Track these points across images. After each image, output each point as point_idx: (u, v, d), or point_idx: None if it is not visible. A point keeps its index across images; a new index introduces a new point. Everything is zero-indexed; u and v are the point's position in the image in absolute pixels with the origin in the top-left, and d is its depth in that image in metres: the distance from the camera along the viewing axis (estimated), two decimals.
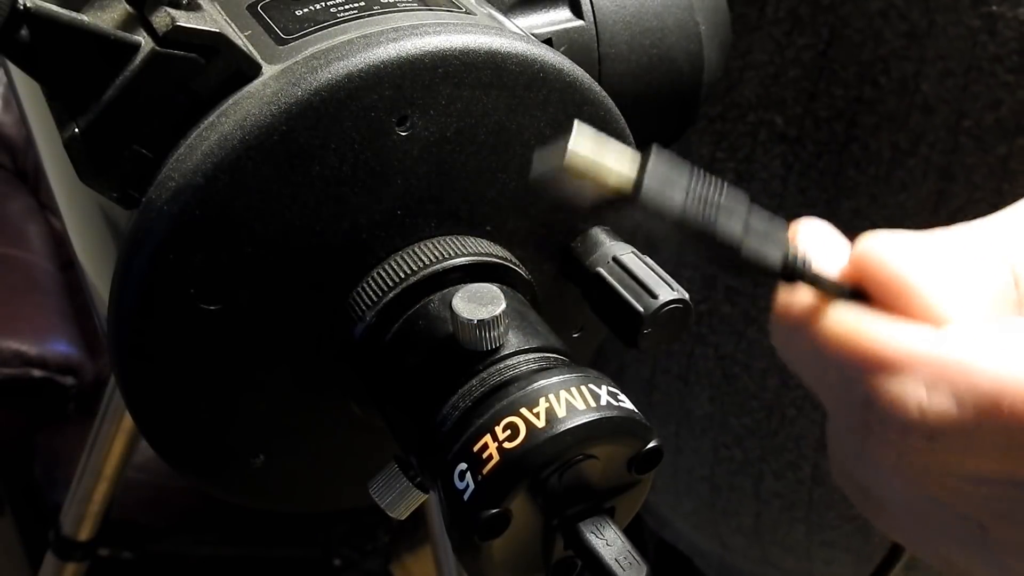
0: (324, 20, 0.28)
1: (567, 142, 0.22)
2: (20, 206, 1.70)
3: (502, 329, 0.26)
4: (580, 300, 0.31)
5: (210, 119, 0.26)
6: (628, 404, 0.25)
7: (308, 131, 0.26)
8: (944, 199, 0.43)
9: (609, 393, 0.25)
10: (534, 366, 0.26)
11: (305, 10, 0.29)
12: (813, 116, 0.45)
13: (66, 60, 0.25)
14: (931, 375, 0.23)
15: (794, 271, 0.25)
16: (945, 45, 0.41)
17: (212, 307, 0.27)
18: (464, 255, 0.29)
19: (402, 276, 0.28)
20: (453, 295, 0.26)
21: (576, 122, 0.23)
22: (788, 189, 0.46)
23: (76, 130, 0.26)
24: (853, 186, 0.45)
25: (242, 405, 0.29)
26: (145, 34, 0.25)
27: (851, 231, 0.45)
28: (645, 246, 0.31)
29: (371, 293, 0.28)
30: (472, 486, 0.23)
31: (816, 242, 0.27)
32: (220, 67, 0.26)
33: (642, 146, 0.32)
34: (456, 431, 0.25)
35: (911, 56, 0.42)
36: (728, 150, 0.48)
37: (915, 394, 0.24)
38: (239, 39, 0.27)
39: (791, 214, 0.46)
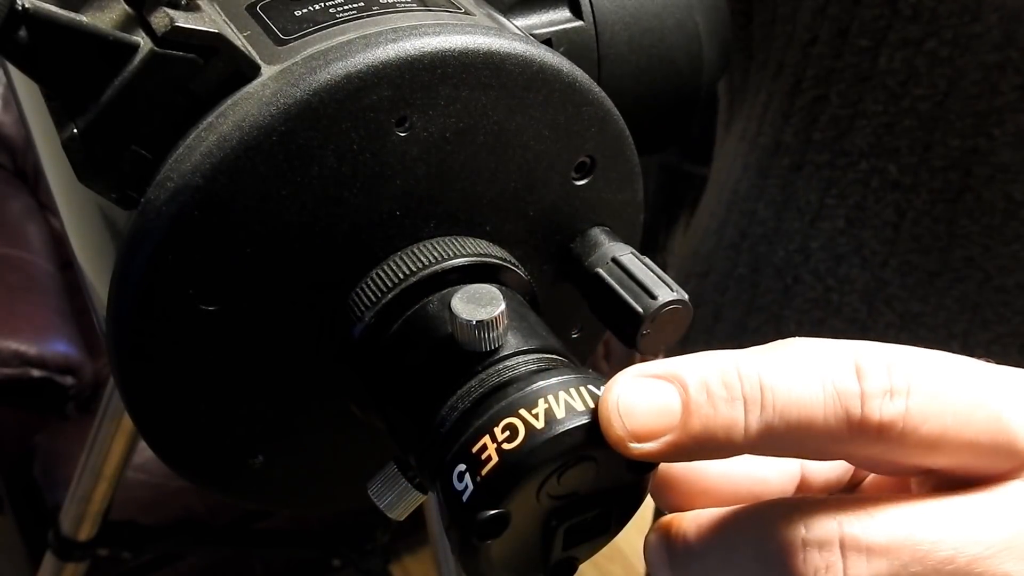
0: (323, 21, 0.28)
1: None
2: (20, 206, 1.70)
3: (501, 330, 0.26)
4: (579, 300, 0.31)
5: (209, 120, 0.26)
6: None
7: (307, 132, 0.26)
8: None
9: None
10: (533, 367, 0.26)
11: (304, 11, 0.29)
12: (928, 165, 0.45)
13: (65, 61, 0.25)
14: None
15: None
16: None
17: (211, 307, 0.27)
18: (463, 256, 0.29)
19: (401, 277, 0.28)
20: (452, 296, 0.26)
21: None
22: (901, 236, 0.47)
23: (75, 131, 0.26)
24: (966, 235, 0.45)
25: (241, 405, 0.29)
26: (144, 35, 0.25)
27: (964, 280, 0.46)
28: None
29: (370, 293, 0.28)
30: (471, 487, 0.23)
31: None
32: (219, 68, 0.26)
33: (642, 147, 0.32)
34: (455, 432, 0.25)
35: None
36: (838, 196, 0.48)
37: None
38: (238, 40, 0.27)
39: (903, 260, 0.47)
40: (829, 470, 0.29)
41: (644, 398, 0.23)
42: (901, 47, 0.44)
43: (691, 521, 0.25)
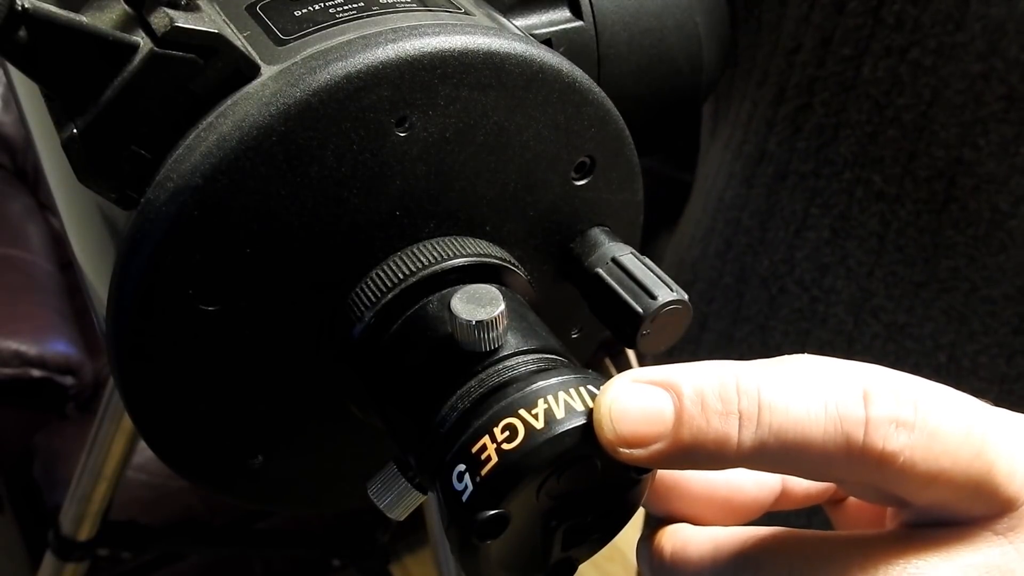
0: (323, 21, 0.28)
1: None
2: (20, 206, 1.70)
3: (501, 330, 0.26)
4: (579, 300, 0.31)
5: (208, 120, 0.26)
6: None
7: (307, 132, 0.26)
8: None
9: None
10: (533, 367, 0.26)
11: (304, 11, 0.29)
12: (912, 176, 0.45)
13: (65, 61, 0.25)
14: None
15: None
16: None
17: (211, 308, 0.27)
18: (463, 256, 0.29)
19: (401, 277, 0.28)
20: (452, 296, 0.26)
21: None
22: (885, 247, 0.46)
23: (74, 130, 0.26)
24: (952, 246, 0.45)
25: (241, 406, 0.29)
26: (144, 35, 0.25)
27: (950, 291, 0.46)
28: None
29: (370, 294, 0.28)
30: (471, 487, 0.23)
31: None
32: (219, 68, 0.26)
33: (642, 147, 0.32)
34: (455, 432, 0.25)
35: (1010, 120, 0.42)
36: (823, 206, 0.48)
37: None
38: (238, 40, 0.27)
39: (889, 271, 0.46)
40: (811, 483, 0.29)
41: (637, 404, 0.23)
42: (884, 56, 0.44)
43: (668, 539, 0.26)
